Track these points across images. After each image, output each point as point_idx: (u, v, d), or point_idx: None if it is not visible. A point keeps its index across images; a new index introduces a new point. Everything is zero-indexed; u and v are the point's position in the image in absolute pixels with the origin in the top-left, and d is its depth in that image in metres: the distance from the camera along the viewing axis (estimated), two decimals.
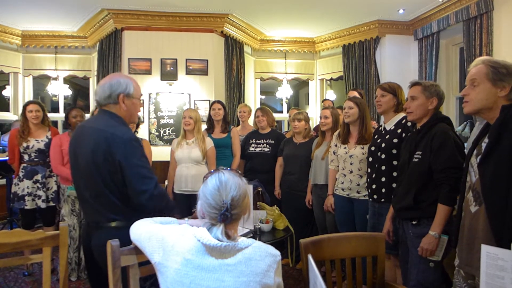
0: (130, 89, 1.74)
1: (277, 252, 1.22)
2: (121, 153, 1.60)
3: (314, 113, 6.59)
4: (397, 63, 5.55)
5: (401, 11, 5.16)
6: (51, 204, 3.43)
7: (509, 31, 4.04)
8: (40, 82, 6.44)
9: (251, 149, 3.83)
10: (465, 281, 1.59)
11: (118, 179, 1.64)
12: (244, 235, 2.31)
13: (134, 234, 1.35)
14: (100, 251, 1.58)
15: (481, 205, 1.51)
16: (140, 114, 5.06)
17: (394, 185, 2.34)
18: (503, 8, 4.10)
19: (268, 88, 7.87)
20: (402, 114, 2.43)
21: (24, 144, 3.34)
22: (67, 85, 6.13)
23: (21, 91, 5.93)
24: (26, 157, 3.38)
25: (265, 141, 3.80)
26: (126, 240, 1.39)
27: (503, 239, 1.35)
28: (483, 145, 1.54)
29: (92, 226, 1.73)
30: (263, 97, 8.04)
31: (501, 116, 1.46)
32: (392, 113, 2.49)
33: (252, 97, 6.32)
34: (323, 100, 5.10)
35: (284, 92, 6.45)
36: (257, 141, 3.84)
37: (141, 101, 1.93)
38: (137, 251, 1.39)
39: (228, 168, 1.29)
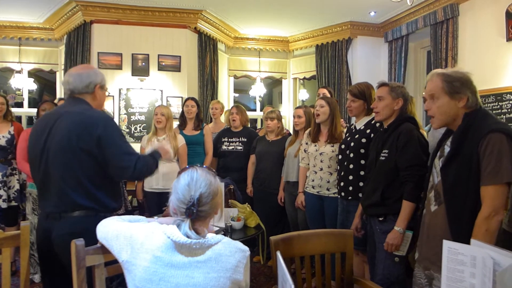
0: (104, 80, 1.86)
1: (246, 248, 1.24)
2: (101, 128, 1.64)
3: (287, 111, 6.63)
4: (368, 64, 5.69)
5: (372, 13, 5.28)
6: (13, 203, 3.27)
7: (473, 36, 4.23)
8: (3, 75, 6.12)
9: (224, 147, 3.80)
10: (423, 272, 1.68)
11: (92, 161, 1.64)
12: (215, 233, 2.29)
13: (101, 232, 1.32)
14: (63, 241, 1.55)
15: (440, 205, 1.59)
16: (109, 110, 4.95)
17: (361, 183, 2.40)
18: (468, 14, 4.28)
19: (241, 86, 7.86)
20: (373, 115, 2.49)
21: None
22: (32, 79, 5.85)
23: None
24: None
25: (238, 139, 3.79)
26: (91, 228, 1.37)
27: (460, 238, 1.42)
28: (446, 148, 1.61)
29: (52, 217, 1.67)
30: (236, 95, 8.02)
31: (463, 124, 1.54)
32: (363, 115, 2.56)
33: (226, 94, 6.29)
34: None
35: (258, 90, 6.46)
36: (229, 139, 3.82)
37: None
38: (104, 250, 1.35)
39: (204, 166, 1.29)
